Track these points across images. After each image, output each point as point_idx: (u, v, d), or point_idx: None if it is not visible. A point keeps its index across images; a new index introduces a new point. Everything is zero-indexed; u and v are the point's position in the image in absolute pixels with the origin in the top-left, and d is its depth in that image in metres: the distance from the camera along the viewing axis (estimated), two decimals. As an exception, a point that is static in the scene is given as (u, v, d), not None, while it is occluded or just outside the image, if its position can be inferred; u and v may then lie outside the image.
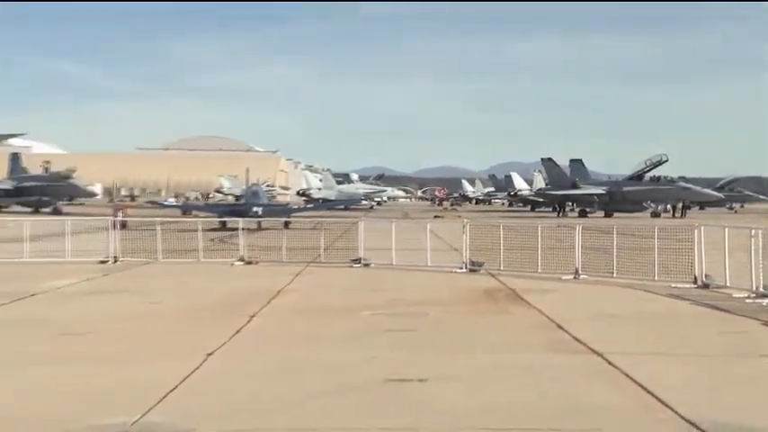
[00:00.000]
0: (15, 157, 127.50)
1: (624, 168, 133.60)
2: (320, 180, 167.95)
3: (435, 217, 73.89)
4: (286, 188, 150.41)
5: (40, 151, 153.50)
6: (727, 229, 30.63)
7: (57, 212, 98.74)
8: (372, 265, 36.94)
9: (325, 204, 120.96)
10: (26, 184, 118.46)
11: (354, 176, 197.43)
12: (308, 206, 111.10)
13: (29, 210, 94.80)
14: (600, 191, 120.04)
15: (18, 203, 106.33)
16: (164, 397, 14.11)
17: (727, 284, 28.63)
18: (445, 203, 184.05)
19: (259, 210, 73.61)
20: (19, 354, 19.16)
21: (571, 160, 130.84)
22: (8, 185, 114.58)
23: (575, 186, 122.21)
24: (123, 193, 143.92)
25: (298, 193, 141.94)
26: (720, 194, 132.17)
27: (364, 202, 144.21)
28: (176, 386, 14.96)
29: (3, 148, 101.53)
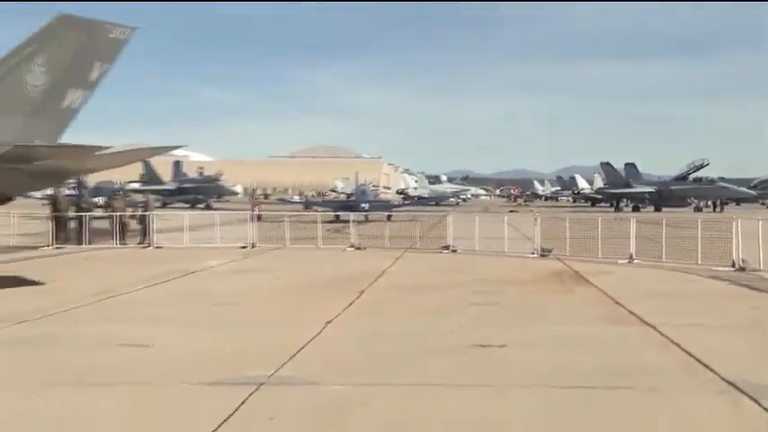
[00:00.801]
0: (177, 164, 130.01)
1: (671, 170, 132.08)
2: (415, 181, 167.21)
3: (510, 211, 73.52)
4: (387, 188, 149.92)
5: (196, 159, 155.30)
6: (760, 222, 30.59)
7: (208, 207, 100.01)
8: (459, 250, 36.89)
9: (420, 201, 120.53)
10: (185, 185, 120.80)
11: (444, 178, 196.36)
12: (406, 202, 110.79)
13: (187, 206, 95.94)
14: (650, 189, 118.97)
15: (179, 200, 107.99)
16: (292, 356, 14.54)
17: (761, 268, 28.53)
18: (519, 200, 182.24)
19: (366, 205, 73.81)
20: (186, 317, 20.11)
21: (626, 164, 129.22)
22: (172, 186, 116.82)
23: (629, 186, 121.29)
24: (258, 192, 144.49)
25: (397, 192, 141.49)
26: (754, 192, 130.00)
27: (452, 199, 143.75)
28: (302, 347, 15.39)
29: (167, 157, 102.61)
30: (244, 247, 39.05)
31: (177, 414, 11.07)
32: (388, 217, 64.28)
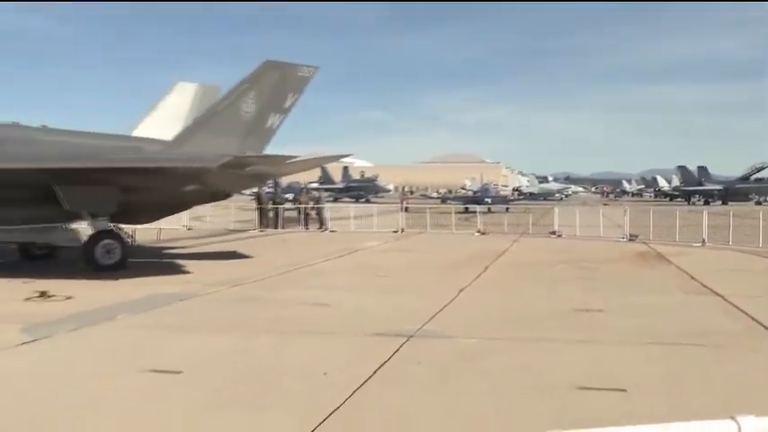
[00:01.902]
0: (345, 169, 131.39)
1: (736, 172, 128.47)
2: (527, 180, 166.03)
3: (604, 204, 72.51)
4: (505, 186, 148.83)
5: (359, 165, 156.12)
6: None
7: (368, 201, 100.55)
8: (563, 235, 36.67)
9: (531, 197, 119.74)
10: (351, 184, 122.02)
11: (550, 178, 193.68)
12: (520, 198, 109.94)
13: (352, 200, 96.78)
14: (719, 187, 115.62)
15: (347, 196, 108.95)
16: (433, 316, 14.78)
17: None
18: (610, 196, 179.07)
19: (489, 200, 73.64)
20: (354, 284, 20.50)
21: (698, 166, 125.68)
22: (342, 185, 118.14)
23: (700, 184, 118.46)
24: (406, 189, 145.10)
25: (513, 189, 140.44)
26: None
27: (557, 195, 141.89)
28: (441, 309, 15.61)
29: (338, 163, 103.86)
30: (395, 232, 39.34)
31: (351, 356, 11.48)
32: (507, 209, 64.23)
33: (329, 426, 8.04)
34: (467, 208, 60.41)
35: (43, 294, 17.77)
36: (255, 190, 43.84)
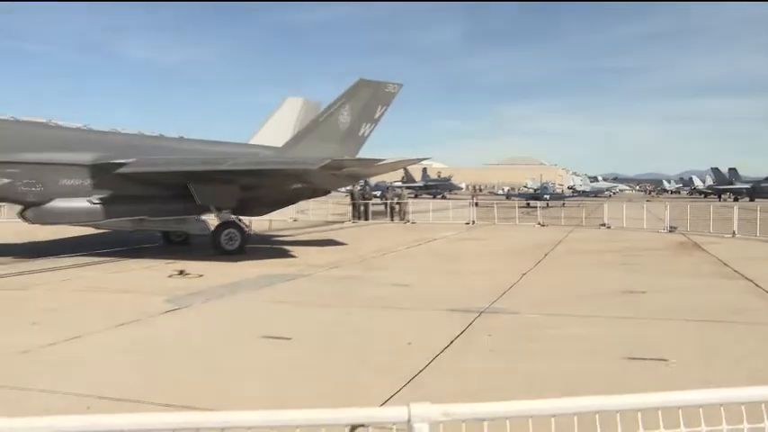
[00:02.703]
0: (425, 170, 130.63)
1: (763, 173, 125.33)
2: (580, 180, 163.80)
3: (647, 201, 71.19)
4: (561, 184, 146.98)
5: (436, 166, 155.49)
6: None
7: (443, 197, 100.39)
8: (612, 227, 36.25)
9: (583, 194, 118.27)
10: (429, 183, 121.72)
11: (600, 177, 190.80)
12: (574, 195, 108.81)
13: (430, 196, 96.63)
14: (747, 186, 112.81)
15: (425, 193, 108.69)
16: (501, 295, 14.78)
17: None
18: (652, 193, 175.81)
19: (548, 196, 73.25)
20: (432, 267, 20.62)
21: (729, 168, 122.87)
22: (421, 183, 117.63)
23: (731, 183, 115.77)
24: (476, 187, 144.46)
25: (568, 187, 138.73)
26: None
27: (606, 192, 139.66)
28: (508, 289, 15.62)
29: (418, 165, 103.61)
30: (467, 224, 39.24)
31: (430, 328, 11.65)
32: (563, 204, 63.63)
33: (415, 384, 8.24)
34: (528, 203, 60.21)
35: (181, 272, 18.40)
36: (349, 188, 44.22)
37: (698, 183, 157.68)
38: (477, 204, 45.24)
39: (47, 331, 11.22)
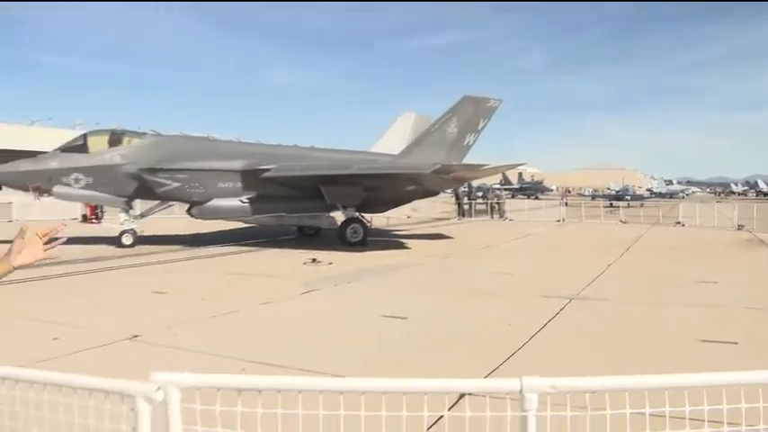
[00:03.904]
0: (520, 174, 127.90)
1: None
2: (657, 183, 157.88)
3: (717, 202, 68.14)
4: (640, 187, 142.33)
5: (530, 171, 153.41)
6: None
7: (536, 198, 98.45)
8: (686, 225, 34.87)
9: (660, 195, 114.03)
10: (524, 185, 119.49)
11: (674, 181, 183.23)
12: (651, 196, 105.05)
13: (525, 197, 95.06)
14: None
15: (521, 194, 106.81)
16: (588, 284, 14.50)
17: None
18: (722, 195, 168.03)
19: (628, 197, 70.87)
20: (528, 258, 20.07)
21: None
22: (517, 186, 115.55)
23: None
24: (565, 189, 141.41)
25: (646, 189, 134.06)
26: None
27: (680, 194, 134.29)
28: (594, 279, 15.30)
29: (515, 170, 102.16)
30: (558, 221, 38.39)
31: (527, 312, 11.54)
32: (641, 204, 61.49)
33: (515, 358, 8.24)
34: (611, 203, 58.37)
35: (314, 261, 18.81)
36: (454, 189, 44.06)
37: (762, 186, 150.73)
38: (566, 204, 44.31)
39: (210, 306, 11.75)
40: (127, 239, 22.35)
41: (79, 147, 22.65)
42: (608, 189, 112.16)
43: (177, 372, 2.74)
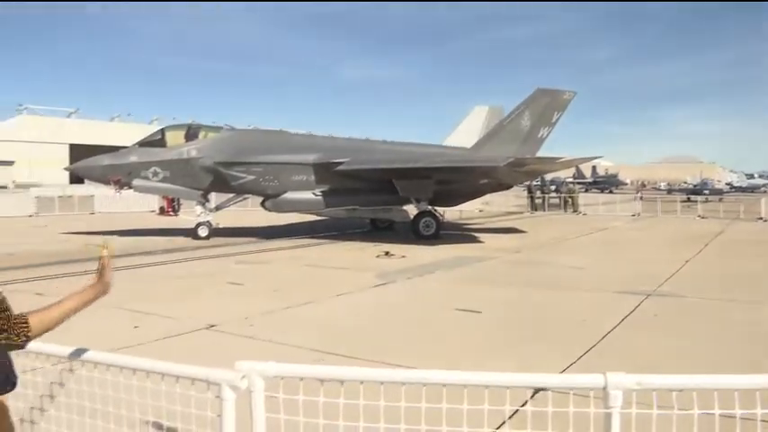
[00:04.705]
0: (594, 168, 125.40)
1: None
2: (737, 177, 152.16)
3: (796, 195, 64.83)
4: (719, 181, 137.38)
5: (604, 164, 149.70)
6: None
7: (611, 192, 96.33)
8: (768, 221, 33.80)
9: (741, 190, 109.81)
10: (598, 179, 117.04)
11: (756, 174, 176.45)
12: (732, 190, 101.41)
13: (599, 191, 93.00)
14: None
15: (595, 188, 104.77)
16: (666, 279, 14.13)
17: None
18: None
19: (707, 191, 68.71)
20: (601, 252, 19.54)
21: None
22: (590, 180, 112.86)
23: None
24: (641, 183, 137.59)
25: (726, 184, 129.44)
26: None
27: (762, 188, 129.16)
28: (672, 275, 14.86)
29: (588, 163, 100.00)
30: (633, 216, 37.44)
31: (602, 307, 11.31)
32: (720, 199, 59.43)
33: (590, 355, 8.09)
34: (689, 197, 56.62)
35: (387, 253, 18.91)
36: (527, 182, 43.52)
37: None
38: (641, 198, 43.21)
39: (285, 297, 11.94)
40: (203, 231, 22.93)
41: (157, 141, 23.36)
42: (684, 183, 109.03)
43: (256, 361, 2.81)
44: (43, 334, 2.52)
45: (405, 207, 24.99)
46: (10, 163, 75.32)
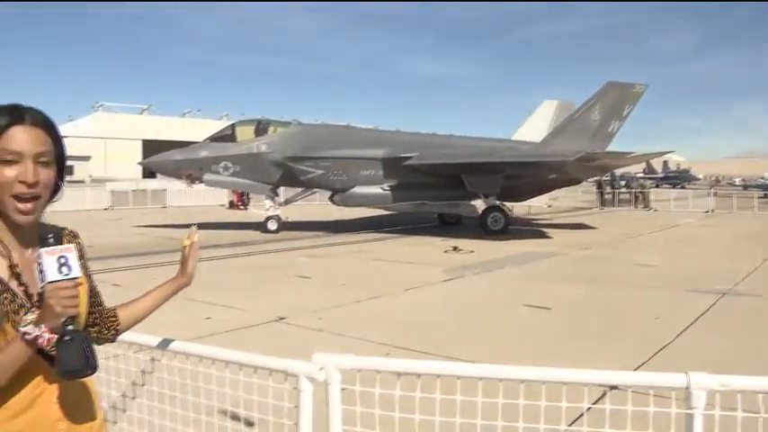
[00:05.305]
0: (665, 163, 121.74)
1: None
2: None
3: None
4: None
5: (675, 159, 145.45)
6: None
7: (683, 188, 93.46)
8: None
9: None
10: (669, 174, 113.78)
11: None
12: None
13: (670, 187, 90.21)
14: None
15: (666, 184, 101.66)
16: (743, 278, 13.64)
17: None
18: None
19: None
20: (672, 250, 18.89)
21: None
22: (661, 175, 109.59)
23: None
24: (714, 178, 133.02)
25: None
26: None
27: None
28: (749, 274, 14.31)
29: (659, 158, 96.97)
30: (706, 212, 36.22)
31: (675, 305, 11.02)
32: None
33: (663, 355, 7.91)
34: (766, 194, 54.59)
35: (455, 248, 18.85)
36: (596, 178, 42.68)
37: None
38: (715, 194, 41.90)
39: (353, 291, 12.04)
40: (272, 225, 23.30)
41: (228, 136, 23.84)
42: (762, 179, 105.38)
43: (334, 354, 2.84)
44: (130, 328, 2.60)
45: (473, 202, 24.85)
46: (87, 158, 78.10)
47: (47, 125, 2.07)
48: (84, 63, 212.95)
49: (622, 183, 49.41)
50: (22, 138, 1.99)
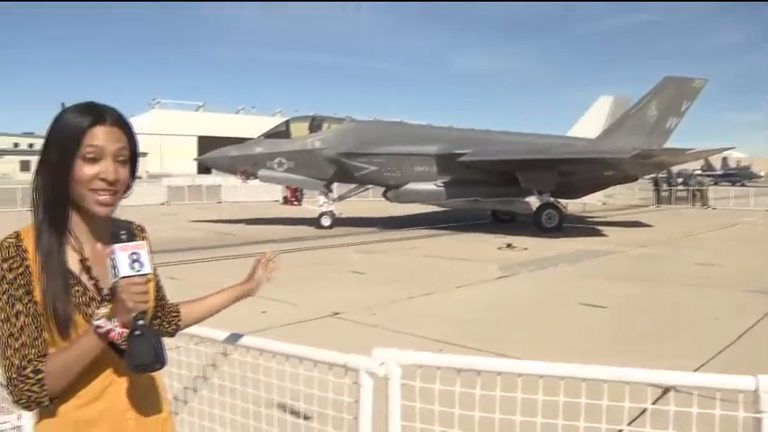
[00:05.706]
0: (724, 159, 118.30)
1: None
2: None
3: None
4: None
5: (735, 156, 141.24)
6: None
7: (743, 185, 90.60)
8: None
9: None
10: (729, 171, 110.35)
11: None
12: None
13: (729, 184, 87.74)
14: None
15: (725, 181, 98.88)
16: None
17: None
18: None
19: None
20: (731, 251, 18.31)
21: None
22: (720, 172, 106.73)
23: None
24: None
25: None
26: None
27: None
28: None
29: (718, 155, 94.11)
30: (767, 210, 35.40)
31: (735, 306, 10.70)
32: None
33: (725, 355, 7.73)
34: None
35: (509, 246, 18.69)
36: (653, 175, 41.88)
37: None
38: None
39: (406, 288, 12.05)
40: (325, 221, 23.48)
41: (282, 133, 24.10)
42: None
43: (394, 349, 2.85)
44: (191, 326, 2.65)
45: (527, 199, 24.63)
46: (144, 154, 79.88)
47: (124, 124, 2.13)
48: (140, 61, 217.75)
49: (679, 180, 48.39)
50: (104, 137, 2.04)
